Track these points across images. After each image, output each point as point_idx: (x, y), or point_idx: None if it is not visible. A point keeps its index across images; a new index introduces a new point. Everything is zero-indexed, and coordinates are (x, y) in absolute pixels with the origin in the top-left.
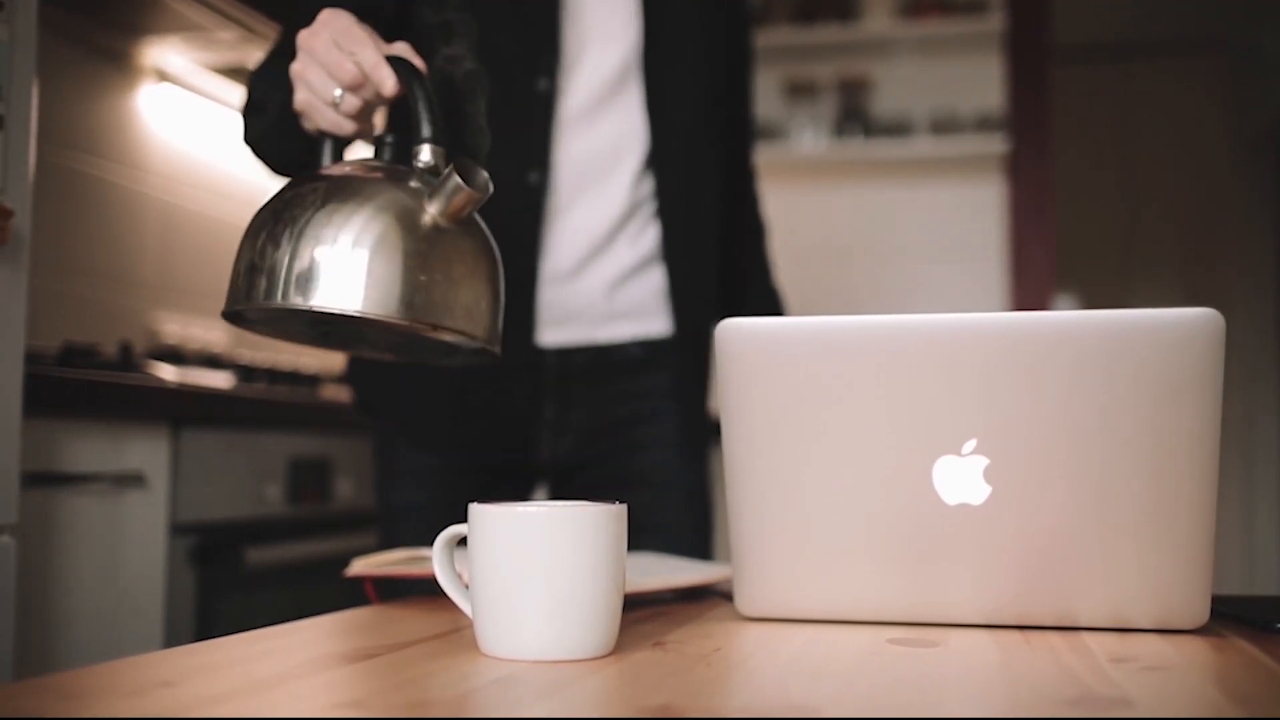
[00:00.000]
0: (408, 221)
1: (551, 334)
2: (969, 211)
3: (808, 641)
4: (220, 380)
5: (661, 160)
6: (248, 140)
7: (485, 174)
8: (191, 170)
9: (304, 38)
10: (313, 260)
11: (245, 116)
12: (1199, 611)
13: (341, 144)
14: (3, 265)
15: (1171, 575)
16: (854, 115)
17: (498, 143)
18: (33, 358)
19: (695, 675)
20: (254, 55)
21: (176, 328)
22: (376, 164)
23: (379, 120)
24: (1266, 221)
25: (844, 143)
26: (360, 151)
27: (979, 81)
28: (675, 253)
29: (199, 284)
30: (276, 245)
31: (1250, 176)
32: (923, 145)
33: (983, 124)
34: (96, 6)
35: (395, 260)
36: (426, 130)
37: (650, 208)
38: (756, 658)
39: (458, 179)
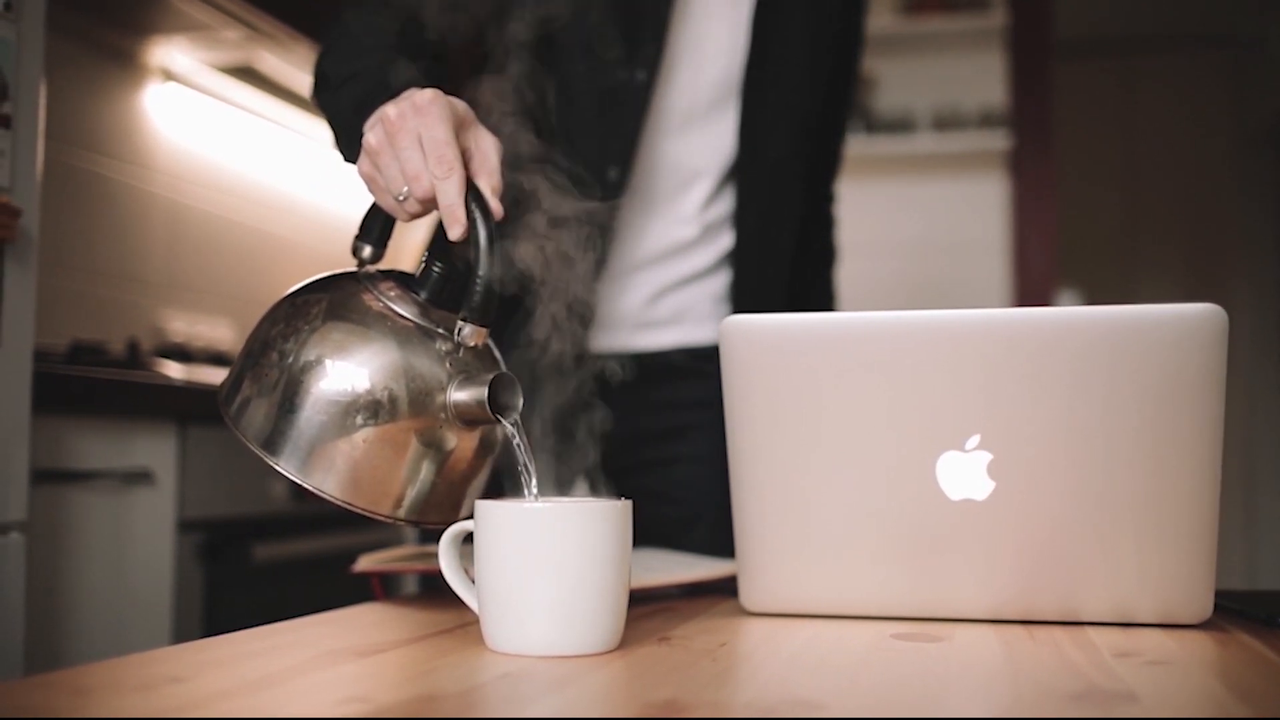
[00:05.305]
0: (417, 406)
1: (592, 339)
2: (971, 207)
3: (812, 636)
4: None
5: (744, 181)
6: (315, 100)
7: (519, 407)
8: (198, 169)
9: (389, 117)
10: (292, 416)
11: (316, 85)
12: (1202, 606)
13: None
14: (11, 264)
15: (1175, 570)
16: (857, 112)
17: (583, 134)
18: (41, 356)
19: (700, 670)
20: (260, 55)
21: (183, 325)
22: (415, 303)
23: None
24: (1270, 217)
25: (847, 139)
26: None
27: (981, 78)
28: (745, 261)
29: (205, 282)
30: (261, 378)
31: (1253, 172)
32: (925, 142)
33: (985, 120)
34: (103, 6)
35: (385, 448)
36: (476, 302)
37: (719, 223)
38: (761, 653)
39: (487, 404)
